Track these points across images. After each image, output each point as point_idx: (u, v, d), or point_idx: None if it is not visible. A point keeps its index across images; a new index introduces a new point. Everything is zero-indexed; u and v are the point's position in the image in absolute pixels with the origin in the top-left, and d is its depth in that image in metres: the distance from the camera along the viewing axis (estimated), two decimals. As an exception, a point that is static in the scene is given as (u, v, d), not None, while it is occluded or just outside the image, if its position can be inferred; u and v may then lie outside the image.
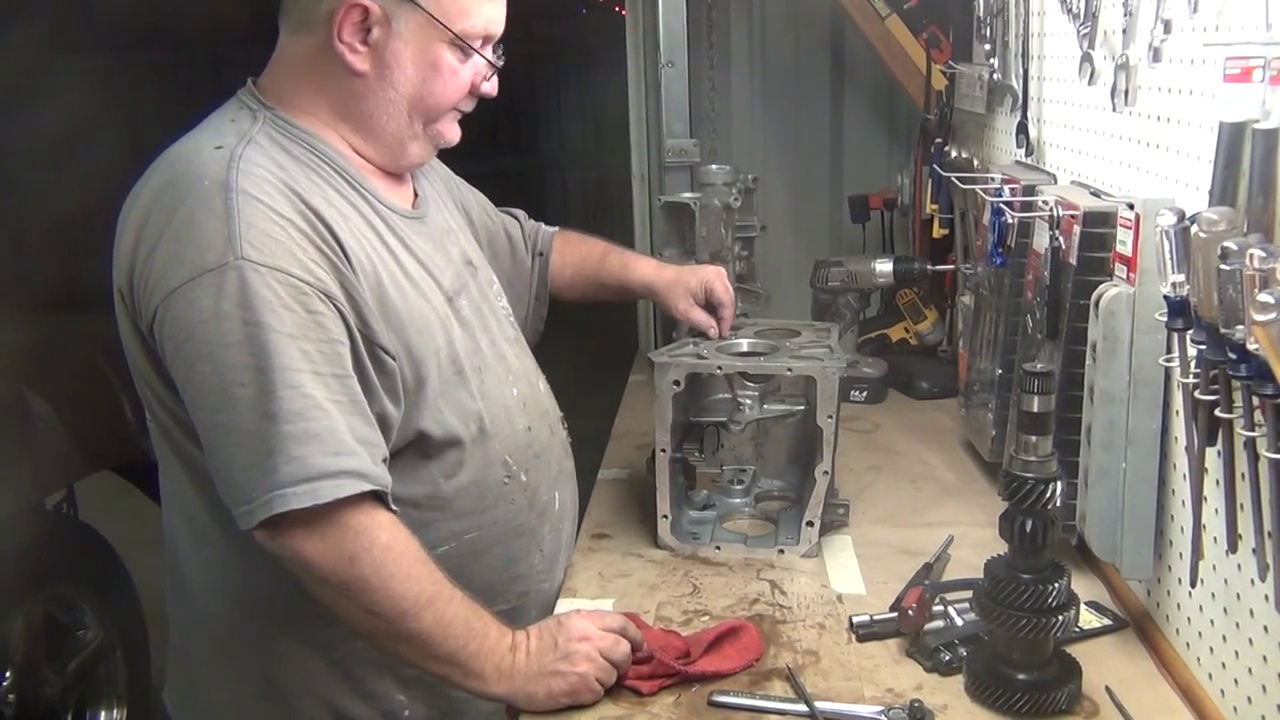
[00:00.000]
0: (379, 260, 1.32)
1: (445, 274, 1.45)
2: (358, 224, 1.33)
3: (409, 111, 1.37)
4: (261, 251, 1.19)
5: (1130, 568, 1.41)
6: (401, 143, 1.40)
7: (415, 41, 1.33)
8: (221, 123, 1.33)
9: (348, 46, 1.31)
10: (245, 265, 1.17)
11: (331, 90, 1.35)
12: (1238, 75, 1.09)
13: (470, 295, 1.50)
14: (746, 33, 3.01)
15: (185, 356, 1.20)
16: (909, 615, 1.42)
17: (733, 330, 1.89)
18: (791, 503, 1.88)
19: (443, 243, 1.49)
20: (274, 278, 1.19)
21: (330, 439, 1.19)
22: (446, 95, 1.39)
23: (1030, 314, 1.67)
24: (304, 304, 1.20)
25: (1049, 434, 1.26)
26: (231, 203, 1.20)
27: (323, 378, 1.20)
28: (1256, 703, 1.16)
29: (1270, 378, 0.96)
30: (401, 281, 1.35)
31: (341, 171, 1.35)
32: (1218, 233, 1.03)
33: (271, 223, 1.21)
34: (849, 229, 2.90)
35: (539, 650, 1.30)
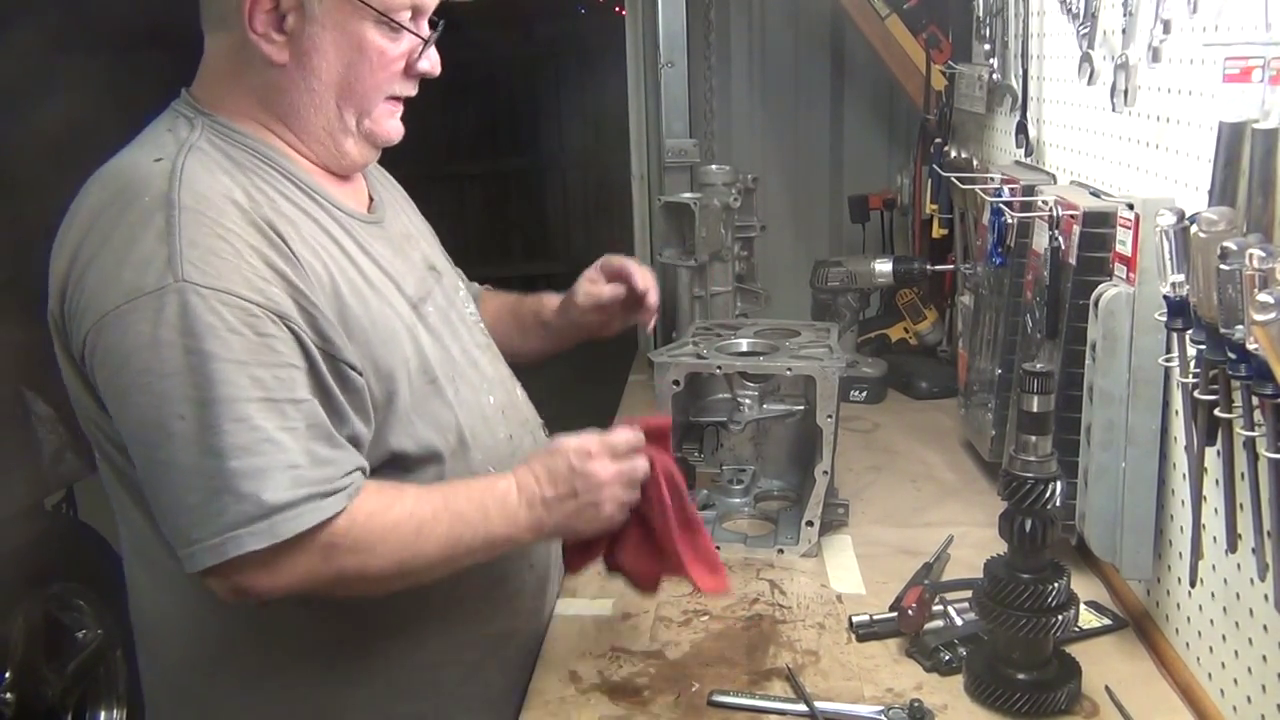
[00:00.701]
0: (336, 268, 1.22)
1: (408, 280, 1.34)
2: (311, 231, 1.22)
3: (337, 102, 1.26)
4: (205, 272, 1.09)
5: (1130, 567, 1.41)
6: (335, 139, 1.28)
7: (334, 24, 1.22)
8: (159, 133, 1.23)
9: (263, 37, 1.20)
10: (187, 288, 1.08)
11: (257, 87, 1.24)
12: (1237, 75, 1.09)
13: (436, 301, 1.39)
14: (746, 33, 3.01)
15: (119, 386, 1.11)
16: (909, 615, 1.42)
17: (733, 330, 1.90)
18: (791, 502, 1.88)
19: (403, 248, 1.38)
20: (219, 300, 1.09)
21: (283, 473, 1.10)
22: (376, 79, 1.26)
23: (1030, 314, 1.67)
24: (253, 327, 1.11)
25: (1048, 434, 1.26)
26: (174, 219, 1.10)
27: (277, 404, 1.11)
28: (1256, 702, 1.16)
29: (1270, 377, 0.96)
30: (362, 289, 1.24)
31: (289, 175, 1.24)
32: (1217, 233, 1.03)
33: (218, 239, 1.11)
34: (849, 229, 2.90)
35: (558, 500, 1.25)
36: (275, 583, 1.13)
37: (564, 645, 1.47)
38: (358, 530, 1.15)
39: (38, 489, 2.45)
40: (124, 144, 1.24)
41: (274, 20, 1.20)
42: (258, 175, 1.21)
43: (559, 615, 1.54)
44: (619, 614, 1.53)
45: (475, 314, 1.53)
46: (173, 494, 1.11)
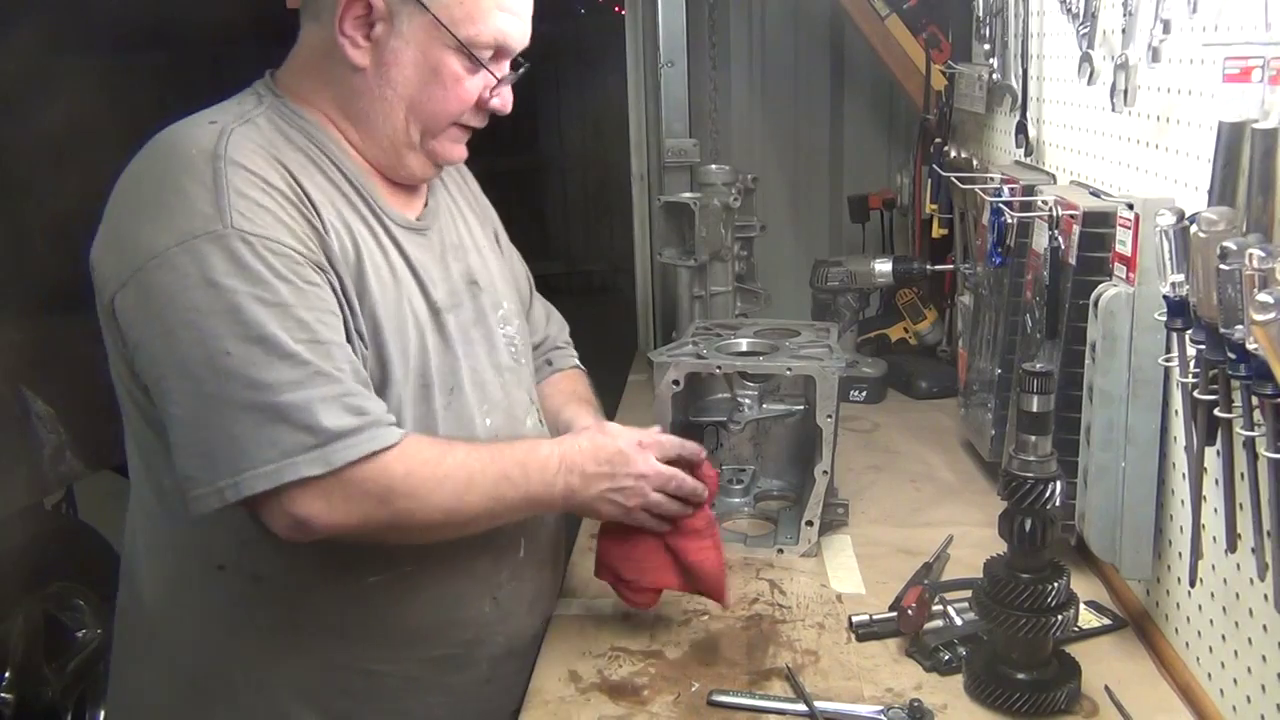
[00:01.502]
0: (364, 248, 1.27)
1: (439, 287, 1.35)
2: (346, 213, 1.27)
3: (406, 116, 1.30)
4: (253, 221, 1.15)
5: (1129, 567, 1.41)
6: (398, 150, 1.32)
7: (417, 43, 1.26)
8: (227, 106, 1.30)
9: (349, 40, 1.26)
10: (234, 234, 1.14)
11: (334, 83, 1.30)
12: (1237, 75, 1.09)
13: (462, 314, 1.39)
14: (746, 33, 3.01)
15: (163, 324, 1.14)
16: (908, 615, 1.42)
17: (732, 330, 1.90)
18: (791, 502, 1.88)
19: (444, 257, 1.40)
20: (266, 247, 1.15)
21: (337, 402, 1.15)
22: (447, 105, 1.31)
23: (1029, 314, 1.67)
24: (299, 274, 1.17)
25: (1048, 434, 1.26)
26: (220, 171, 1.16)
27: (324, 345, 1.16)
28: (1255, 702, 1.16)
29: (1269, 377, 0.96)
30: (385, 276, 1.28)
31: (338, 164, 1.29)
32: (1217, 232, 1.03)
33: (263, 192, 1.17)
34: (848, 229, 2.90)
35: (595, 477, 1.33)
36: (333, 518, 1.17)
37: (564, 645, 1.47)
38: (415, 478, 1.21)
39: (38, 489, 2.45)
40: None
41: (363, 26, 1.26)
42: (307, 158, 1.26)
43: (559, 615, 1.54)
44: (619, 614, 1.53)
45: (513, 336, 1.48)
46: (217, 428, 1.13)
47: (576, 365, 1.72)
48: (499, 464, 1.28)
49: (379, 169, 1.34)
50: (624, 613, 1.52)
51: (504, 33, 1.30)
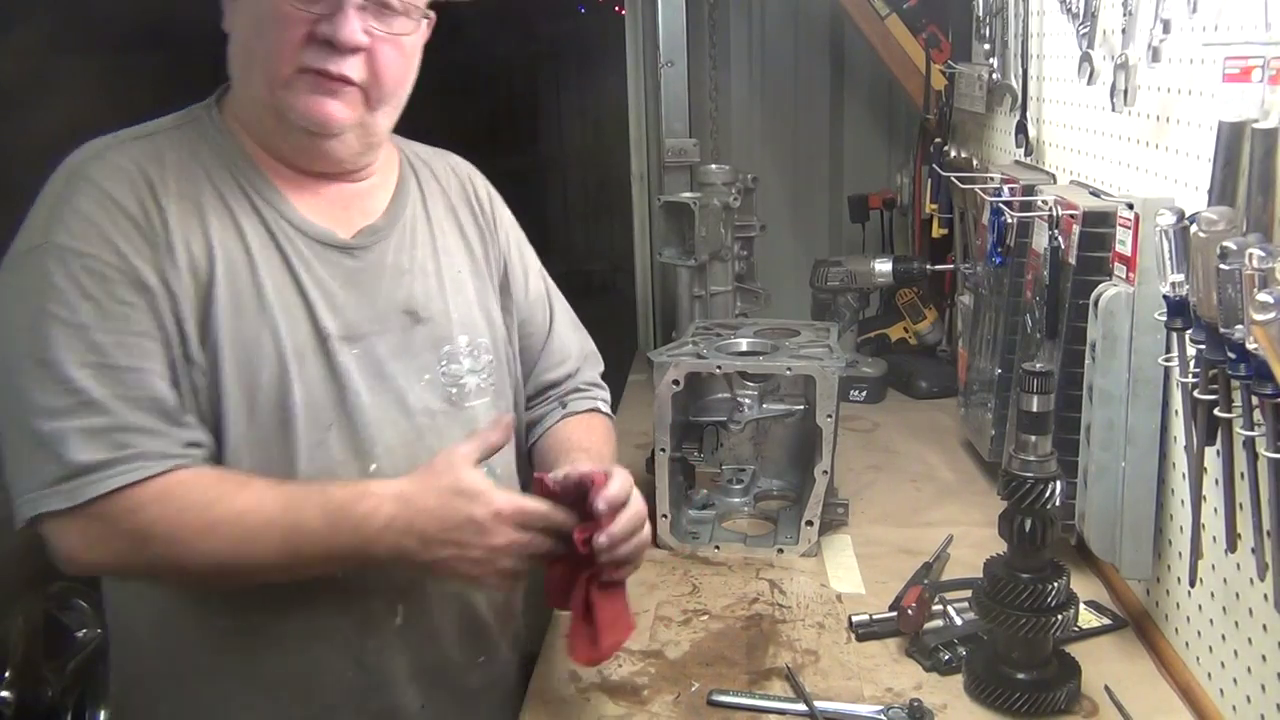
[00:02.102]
0: (224, 269, 1.16)
1: (345, 313, 1.22)
2: (222, 230, 1.18)
3: (246, 69, 1.20)
4: (74, 234, 1.11)
5: (1129, 567, 1.41)
6: (261, 118, 1.21)
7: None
8: (162, 120, 1.25)
9: (225, 5, 1.20)
10: (51, 249, 1.11)
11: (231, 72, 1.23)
12: (1237, 75, 1.09)
13: (376, 346, 1.24)
14: (746, 33, 3.02)
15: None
16: (908, 615, 1.42)
17: (732, 330, 1.90)
18: (791, 502, 1.88)
19: (373, 283, 1.26)
20: (80, 263, 1.10)
21: (100, 436, 1.08)
22: (276, 42, 1.15)
23: (1029, 313, 1.67)
24: (110, 292, 1.11)
25: (1048, 433, 1.26)
26: (71, 186, 1.14)
27: (114, 371, 1.10)
28: (1255, 701, 1.16)
29: (1269, 377, 0.96)
30: (245, 301, 1.17)
31: (237, 174, 1.21)
32: (1217, 232, 1.03)
33: (97, 206, 1.13)
34: (848, 229, 2.90)
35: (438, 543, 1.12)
36: (90, 556, 1.12)
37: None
38: (173, 522, 1.10)
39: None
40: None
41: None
42: (201, 170, 1.20)
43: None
44: (619, 614, 1.52)
45: (458, 375, 1.31)
46: (6, 449, 1.12)
47: (596, 408, 1.51)
48: (296, 513, 1.12)
49: (291, 164, 1.24)
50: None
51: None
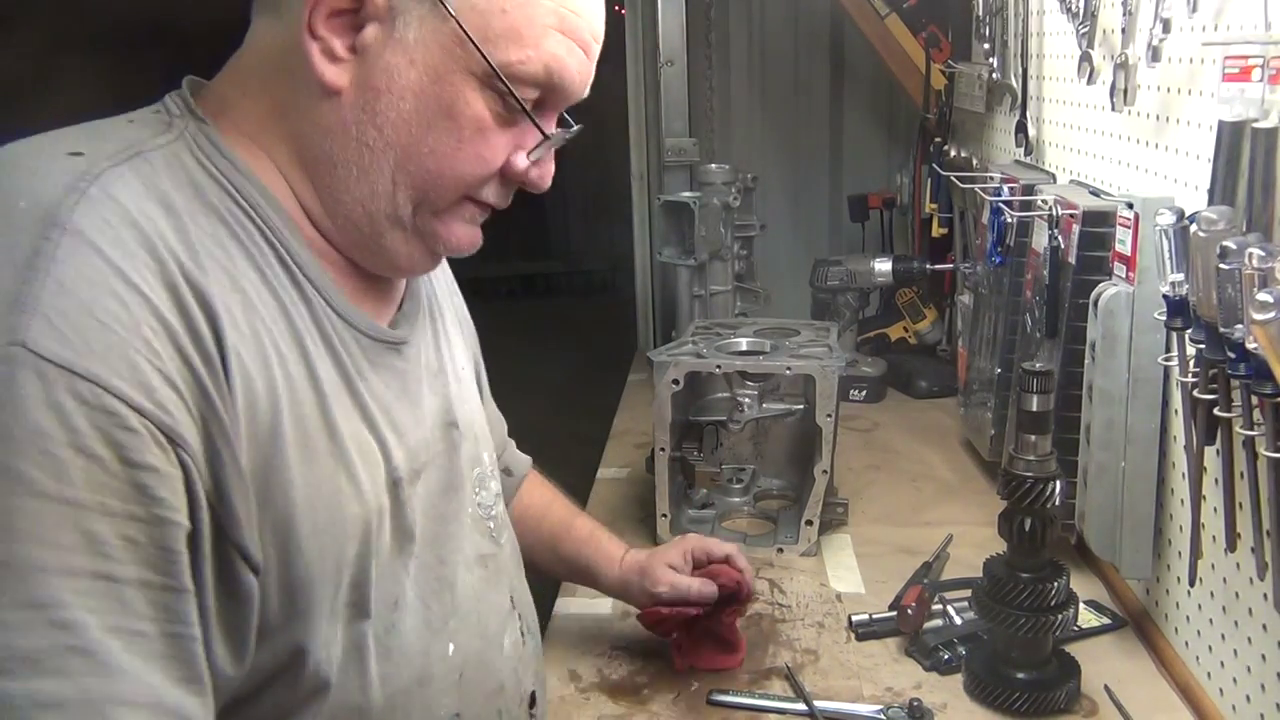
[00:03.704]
0: (289, 398, 0.77)
1: (407, 440, 0.88)
2: (274, 329, 0.77)
3: (394, 171, 0.82)
4: (65, 339, 0.65)
5: (1129, 566, 1.41)
6: (374, 222, 0.84)
7: (427, 62, 0.79)
8: (112, 124, 0.80)
9: (321, 45, 0.78)
10: (25, 358, 0.63)
11: (291, 109, 0.81)
12: (1237, 74, 1.09)
13: (431, 479, 0.91)
14: (746, 33, 3.01)
15: None
16: (908, 614, 1.42)
17: (732, 329, 1.90)
18: (790, 501, 1.88)
19: (419, 389, 0.92)
20: (72, 391, 0.64)
21: (82, 714, 0.63)
22: (458, 163, 0.83)
23: (1029, 313, 1.67)
24: (119, 450, 0.65)
25: (1048, 433, 1.26)
26: (48, 244, 0.67)
27: (117, 587, 0.65)
28: (1255, 701, 1.16)
29: (1269, 377, 0.96)
30: (318, 445, 0.79)
31: (273, 238, 0.80)
32: (1217, 232, 1.03)
33: (104, 292, 0.67)
34: (848, 228, 2.90)
35: None
36: None
37: (564, 645, 1.47)
38: None
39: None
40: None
41: (346, 27, 0.79)
42: (226, 226, 0.77)
43: (559, 615, 1.54)
44: (619, 614, 1.53)
45: (489, 505, 1.01)
46: None
47: (529, 461, 1.36)
48: None
49: (340, 248, 0.86)
50: (624, 612, 1.52)
51: (561, 64, 0.83)
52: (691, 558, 1.40)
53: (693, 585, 1.36)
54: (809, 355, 1.72)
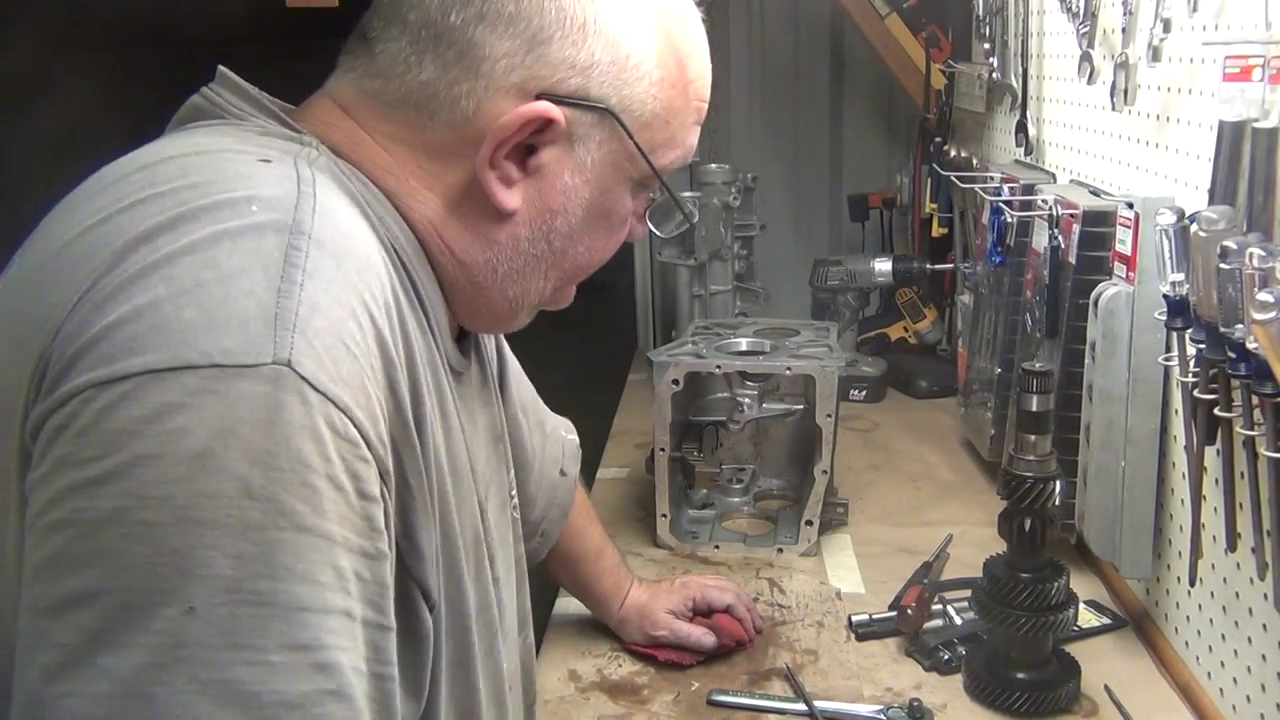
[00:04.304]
0: (440, 444, 0.76)
1: (478, 463, 0.89)
2: (428, 380, 0.75)
3: (548, 270, 0.83)
4: (323, 362, 0.60)
5: (1129, 566, 1.41)
6: (517, 310, 0.86)
7: (599, 176, 0.80)
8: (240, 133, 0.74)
9: (499, 174, 0.77)
10: (289, 378, 0.58)
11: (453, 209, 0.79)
12: (1237, 74, 1.09)
13: (493, 500, 0.93)
14: (746, 33, 3.01)
15: (89, 508, 0.56)
16: (908, 614, 1.42)
17: (732, 329, 1.90)
18: (790, 502, 1.88)
19: (476, 410, 0.92)
20: (328, 420, 0.60)
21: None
22: (606, 251, 0.86)
23: (1029, 313, 1.67)
24: (356, 483, 0.62)
25: (1048, 433, 1.26)
26: (297, 257, 0.62)
27: (354, 625, 0.62)
28: (1255, 701, 1.16)
29: (1269, 377, 0.96)
30: (449, 487, 0.78)
31: (419, 285, 0.78)
32: (1217, 231, 1.03)
33: (348, 315, 0.63)
34: (848, 228, 2.90)
35: None
36: None
37: (564, 645, 1.47)
38: None
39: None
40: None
41: (522, 153, 0.77)
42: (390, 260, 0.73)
43: (559, 615, 1.54)
44: (618, 613, 1.53)
45: (517, 501, 1.03)
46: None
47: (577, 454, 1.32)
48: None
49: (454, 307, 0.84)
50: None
51: (692, 148, 0.88)
52: (693, 603, 1.45)
53: (693, 634, 1.41)
54: (809, 355, 1.72)
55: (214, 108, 0.76)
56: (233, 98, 0.77)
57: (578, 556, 1.40)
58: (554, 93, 0.75)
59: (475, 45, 0.74)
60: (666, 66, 0.80)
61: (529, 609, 1.06)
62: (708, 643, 1.40)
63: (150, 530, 0.55)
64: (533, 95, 0.75)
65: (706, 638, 1.40)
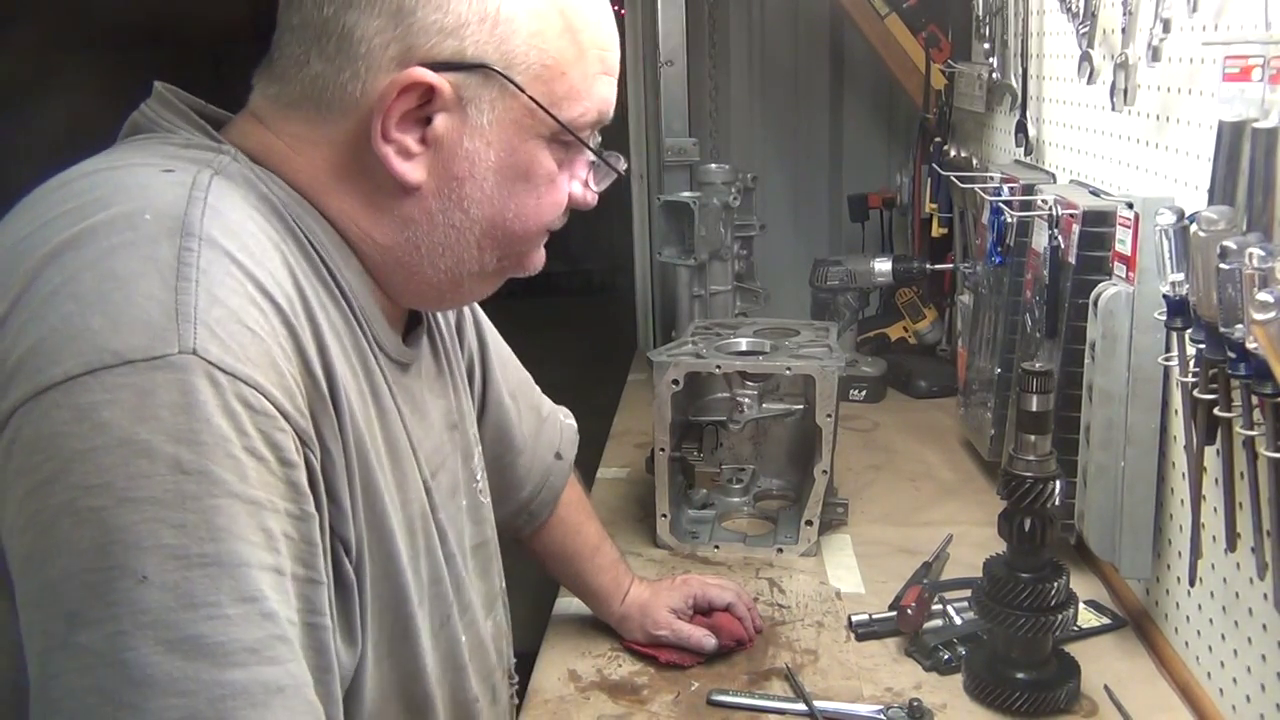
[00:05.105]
0: (366, 426, 0.81)
1: (423, 447, 0.92)
2: (351, 361, 0.82)
3: (479, 241, 0.86)
4: (227, 346, 0.66)
5: (1129, 566, 1.41)
6: (458, 281, 0.88)
7: (501, 137, 0.82)
8: (163, 142, 0.80)
9: (396, 146, 0.80)
10: (196, 365, 0.64)
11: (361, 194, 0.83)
12: (1237, 74, 1.09)
13: (443, 483, 0.97)
14: (746, 32, 3.01)
15: (42, 509, 0.63)
16: (908, 614, 1.42)
17: (732, 329, 1.90)
18: (790, 502, 1.88)
19: (424, 398, 0.96)
20: (239, 397, 0.66)
21: (295, 696, 0.67)
22: (540, 215, 0.87)
23: (1029, 313, 1.67)
24: (277, 451, 0.68)
25: (1048, 433, 1.26)
26: (191, 253, 0.68)
27: (287, 583, 0.69)
28: (1255, 701, 1.16)
29: (1269, 376, 0.96)
30: (385, 463, 0.84)
31: (333, 275, 0.82)
32: (1217, 232, 1.03)
33: (247, 300, 0.69)
34: (848, 228, 2.90)
35: None
36: None
37: (564, 645, 1.47)
38: None
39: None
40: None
41: (413, 122, 0.80)
42: (293, 238, 0.79)
43: (559, 615, 1.54)
44: (618, 613, 1.53)
45: (482, 487, 1.07)
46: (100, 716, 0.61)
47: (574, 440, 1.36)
48: None
49: (386, 288, 0.88)
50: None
51: (608, 102, 0.88)
52: (693, 601, 1.45)
53: (694, 635, 1.41)
54: (809, 355, 1.72)
55: (148, 122, 0.82)
56: (165, 112, 0.82)
57: (575, 553, 1.41)
58: (431, 59, 0.78)
59: (349, 31, 0.78)
60: (544, 16, 0.81)
61: (500, 588, 1.10)
62: (709, 644, 1.40)
63: (96, 515, 0.62)
64: (411, 66, 0.77)
65: (708, 639, 1.40)
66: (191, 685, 0.62)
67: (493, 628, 1.06)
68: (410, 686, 0.88)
